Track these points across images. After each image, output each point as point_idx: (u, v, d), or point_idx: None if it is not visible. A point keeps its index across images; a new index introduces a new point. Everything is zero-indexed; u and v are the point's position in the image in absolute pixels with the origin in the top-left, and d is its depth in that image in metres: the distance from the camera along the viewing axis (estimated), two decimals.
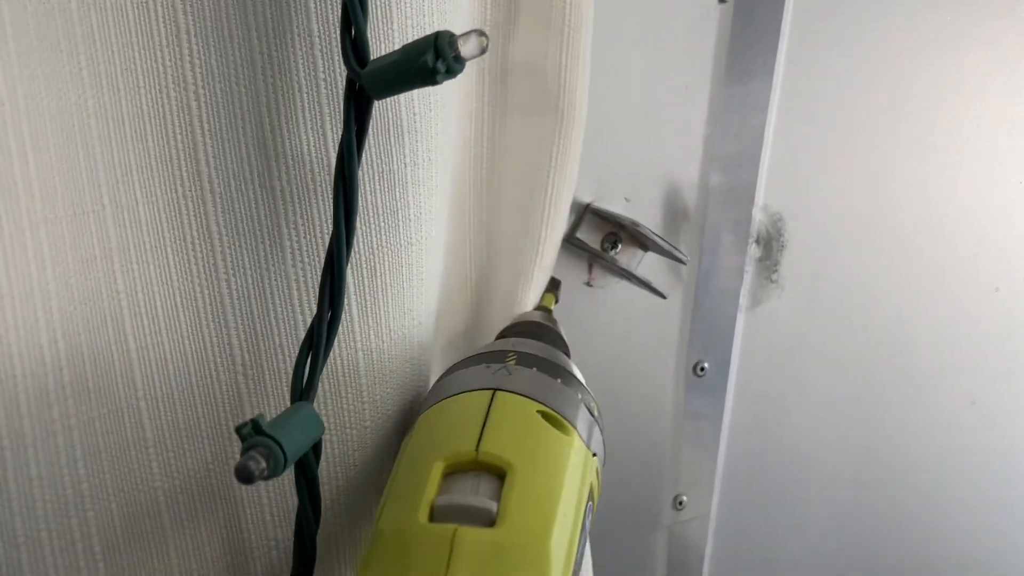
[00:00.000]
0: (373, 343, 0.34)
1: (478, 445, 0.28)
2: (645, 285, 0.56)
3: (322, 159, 0.32)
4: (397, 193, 0.33)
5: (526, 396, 0.31)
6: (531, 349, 0.35)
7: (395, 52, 0.28)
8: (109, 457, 0.31)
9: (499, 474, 0.28)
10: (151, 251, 0.31)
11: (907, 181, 0.61)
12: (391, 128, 0.33)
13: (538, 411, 0.30)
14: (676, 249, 0.54)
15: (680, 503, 0.66)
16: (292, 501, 0.34)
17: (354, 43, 0.29)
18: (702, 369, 0.62)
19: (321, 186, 0.32)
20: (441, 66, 0.26)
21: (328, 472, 0.34)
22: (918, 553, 0.74)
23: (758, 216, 0.59)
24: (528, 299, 0.44)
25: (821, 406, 0.67)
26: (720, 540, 0.70)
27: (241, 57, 0.30)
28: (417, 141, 0.33)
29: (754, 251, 0.60)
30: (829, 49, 0.57)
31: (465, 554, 0.25)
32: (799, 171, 0.59)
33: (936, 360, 0.67)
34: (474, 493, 0.27)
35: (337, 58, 0.31)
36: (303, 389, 0.29)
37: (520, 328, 0.41)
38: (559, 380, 0.33)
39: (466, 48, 0.27)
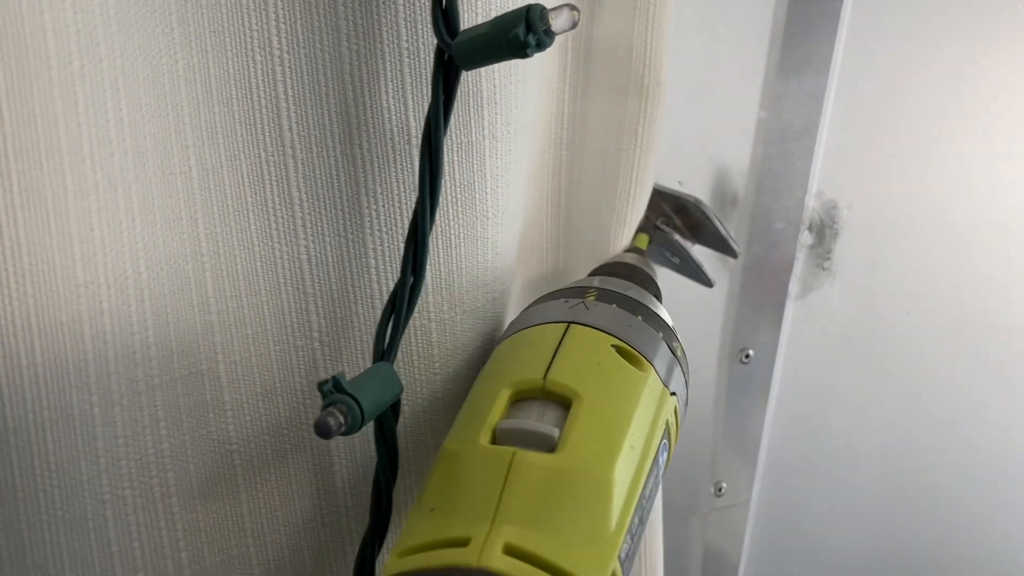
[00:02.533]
0: (447, 314, 0.34)
1: (546, 374, 0.28)
2: (697, 269, 0.56)
3: (402, 128, 0.32)
4: (475, 165, 0.33)
5: (601, 330, 0.31)
6: (614, 287, 0.35)
7: (485, 24, 0.28)
8: (189, 418, 0.31)
9: (565, 403, 0.27)
10: (234, 215, 0.31)
11: (967, 170, 0.60)
12: (471, 100, 0.33)
13: (612, 345, 0.30)
14: (731, 238, 0.53)
15: (720, 490, 0.66)
16: (361, 470, 0.34)
17: (445, 14, 0.29)
18: (747, 356, 0.62)
19: (401, 155, 0.32)
20: (532, 39, 0.26)
21: (400, 440, 0.34)
22: (966, 557, 0.73)
23: (811, 203, 0.59)
24: None
25: (871, 399, 0.66)
26: (759, 528, 0.70)
27: (326, 24, 0.30)
28: (496, 113, 0.33)
29: (806, 238, 0.60)
30: (888, 37, 0.57)
31: (523, 477, 0.25)
32: (855, 159, 0.59)
33: (997, 356, 0.66)
34: (539, 420, 0.27)
35: (421, 27, 0.31)
36: (384, 351, 0.29)
37: (608, 268, 0.41)
38: (639, 317, 0.33)
39: (557, 22, 0.27)
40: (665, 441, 0.30)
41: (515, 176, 0.35)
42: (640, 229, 0.46)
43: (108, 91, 0.27)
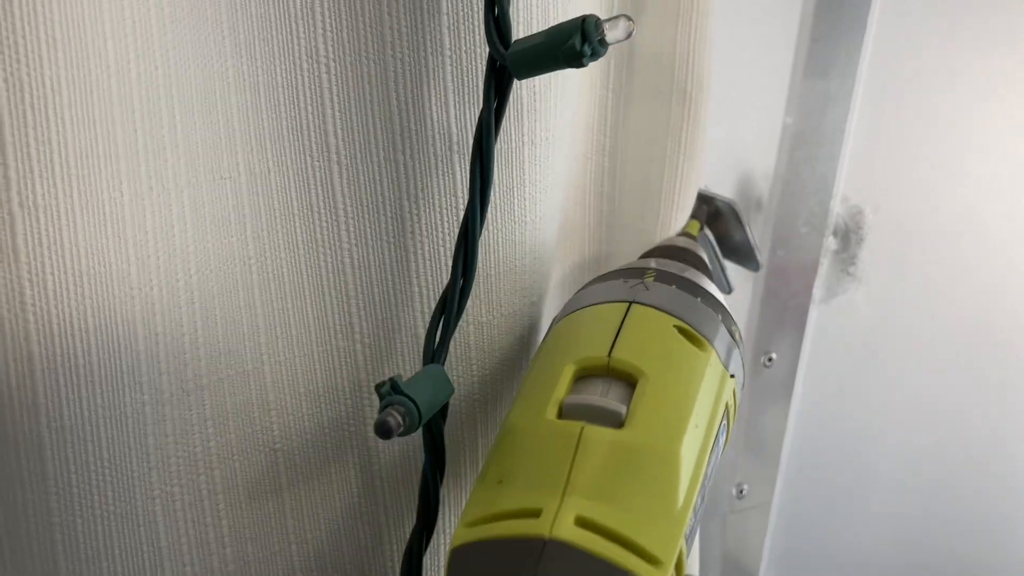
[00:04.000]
0: (484, 318, 0.35)
1: (611, 352, 0.28)
2: (721, 272, 0.56)
3: (444, 135, 0.32)
4: (514, 171, 0.34)
5: (663, 310, 0.31)
6: (671, 268, 0.35)
7: (539, 34, 0.28)
8: (235, 418, 0.32)
9: (630, 381, 0.28)
10: (280, 219, 0.32)
11: (993, 174, 0.60)
12: (511, 107, 0.33)
13: (674, 325, 0.30)
14: (757, 248, 0.53)
15: (741, 491, 0.66)
16: (400, 470, 0.34)
17: (497, 24, 0.29)
18: (770, 360, 0.62)
19: (443, 162, 0.33)
20: (587, 49, 0.27)
21: None
22: (990, 564, 0.73)
23: (836, 208, 0.59)
24: None
25: (894, 403, 0.66)
26: (780, 531, 0.70)
27: (372, 32, 0.31)
28: (536, 121, 0.34)
29: (831, 243, 0.60)
30: (915, 42, 0.57)
31: (591, 451, 0.25)
32: (881, 164, 0.59)
33: (1023, 363, 0.66)
34: (603, 396, 0.27)
35: (464, 35, 0.32)
36: (434, 351, 0.30)
37: (662, 250, 0.41)
38: (699, 299, 0.33)
39: (613, 32, 0.27)
40: (724, 422, 0.30)
41: (552, 182, 0.35)
42: (692, 215, 0.46)
43: (163, 98, 0.28)
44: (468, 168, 0.33)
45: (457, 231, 0.33)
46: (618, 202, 0.43)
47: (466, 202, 0.33)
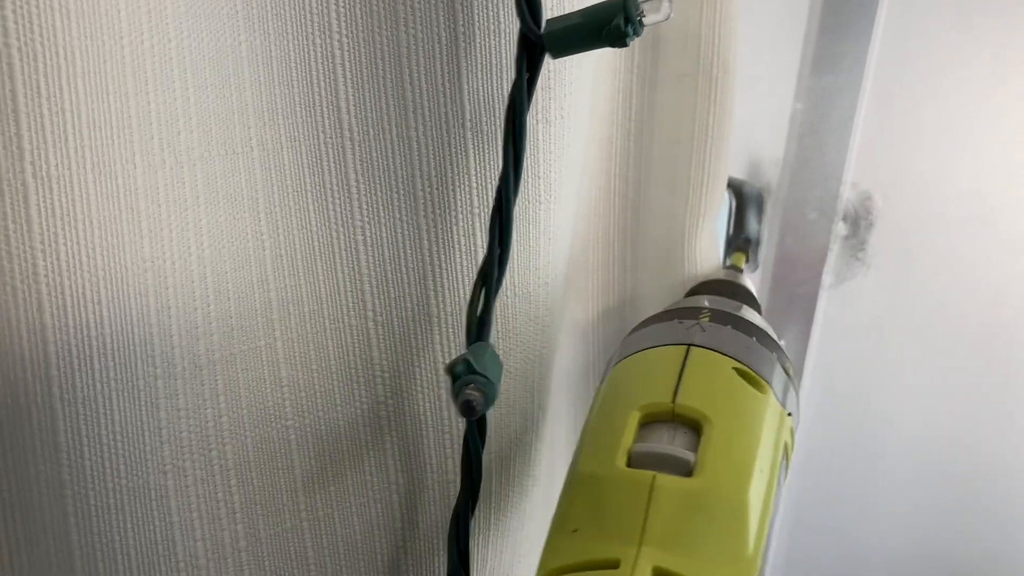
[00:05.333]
0: (500, 298, 0.35)
1: (675, 397, 0.29)
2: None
3: (457, 112, 0.32)
4: (528, 149, 0.34)
5: (721, 352, 0.31)
6: (724, 307, 0.35)
7: (575, 14, 0.29)
8: (247, 394, 0.31)
9: (694, 427, 0.28)
10: (293, 195, 0.32)
11: (1004, 161, 0.60)
12: None
13: (733, 367, 0.31)
14: (761, 245, 0.53)
15: None
16: (412, 447, 0.34)
17: (529, 2, 0.29)
18: None
19: (455, 139, 0.33)
20: (631, 30, 0.27)
21: (452, 419, 0.35)
22: (1013, 558, 0.72)
23: (846, 194, 0.59)
24: (695, 269, 0.43)
25: (905, 390, 0.66)
26: (790, 526, 0.70)
27: (384, 8, 0.31)
28: (551, 99, 0.33)
29: (840, 229, 0.60)
30: (926, 27, 0.57)
31: (664, 500, 0.26)
32: (891, 149, 0.59)
33: None
34: (670, 443, 0.27)
35: (477, 12, 0.31)
36: (480, 326, 0.30)
37: (711, 286, 0.41)
38: (754, 338, 0.33)
39: (653, 15, 0.27)
40: (784, 462, 0.30)
41: (568, 162, 0.35)
42: (738, 248, 0.46)
43: (176, 70, 0.28)
44: (480, 146, 0.33)
45: (468, 209, 0.33)
46: (644, 187, 0.43)
47: (478, 180, 0.33)
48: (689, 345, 0.32)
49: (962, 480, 0.69)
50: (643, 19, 0.27)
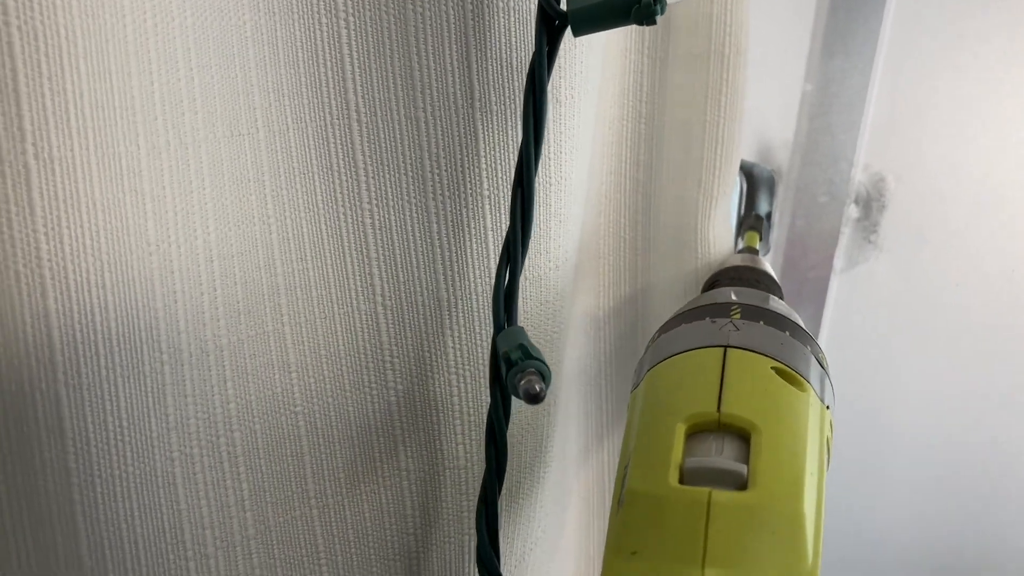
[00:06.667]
0: None
1: (719, 406, 0.28)
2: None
3: (465, 92, 0.32)
4: None
5: (759, 352, 0.31)
6: (752, 299, 0.35)
7: None
8: (255, 379, 0.31)
9: (742, 435, 0.28)
10: (299, 177, 0.31)
11: (1017, 142, 0.59)
12: None
13: (772, 367, 0.30)
14: (772, 229, 0.52)
15: None
16: (424, 433, 0.34)
17: None
18: None
19: (464, 119, 0.32)
20: (659, 8, 0.27)
21: (465, 405, 0.34)
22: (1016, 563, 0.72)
23: (858, 176, 0.58)
24: (708, 253, 0.43)
25: (919, 375, 0.65)
26: None
27: None
28: (561, 79, 0.33)
29: (852, 212, 0.59)
30: (938, 7, 0.56)
31: (721, 517, 0.25)
32: (904, 131, 0.58)
33: None
34: (719, 454, 0.27)
35: None
36: (506, 304, 0.30)
37: (733, 274, 0.40)
38: (787, 332, 0.32)
39: None
40: (828, 457, 0.30)
41: (578, 143, 0.34)
42: (751, 227, 0.45)
43: (179, 50, 0.27)
44: (489, 126, 0.32)
45: (478, 191, 0.32)
46: (656, 170, 0.42)
47: (487, 161, 0.33)
48: (726, 347, 0.31)
49: (976, 463, 0.69)
50: None
